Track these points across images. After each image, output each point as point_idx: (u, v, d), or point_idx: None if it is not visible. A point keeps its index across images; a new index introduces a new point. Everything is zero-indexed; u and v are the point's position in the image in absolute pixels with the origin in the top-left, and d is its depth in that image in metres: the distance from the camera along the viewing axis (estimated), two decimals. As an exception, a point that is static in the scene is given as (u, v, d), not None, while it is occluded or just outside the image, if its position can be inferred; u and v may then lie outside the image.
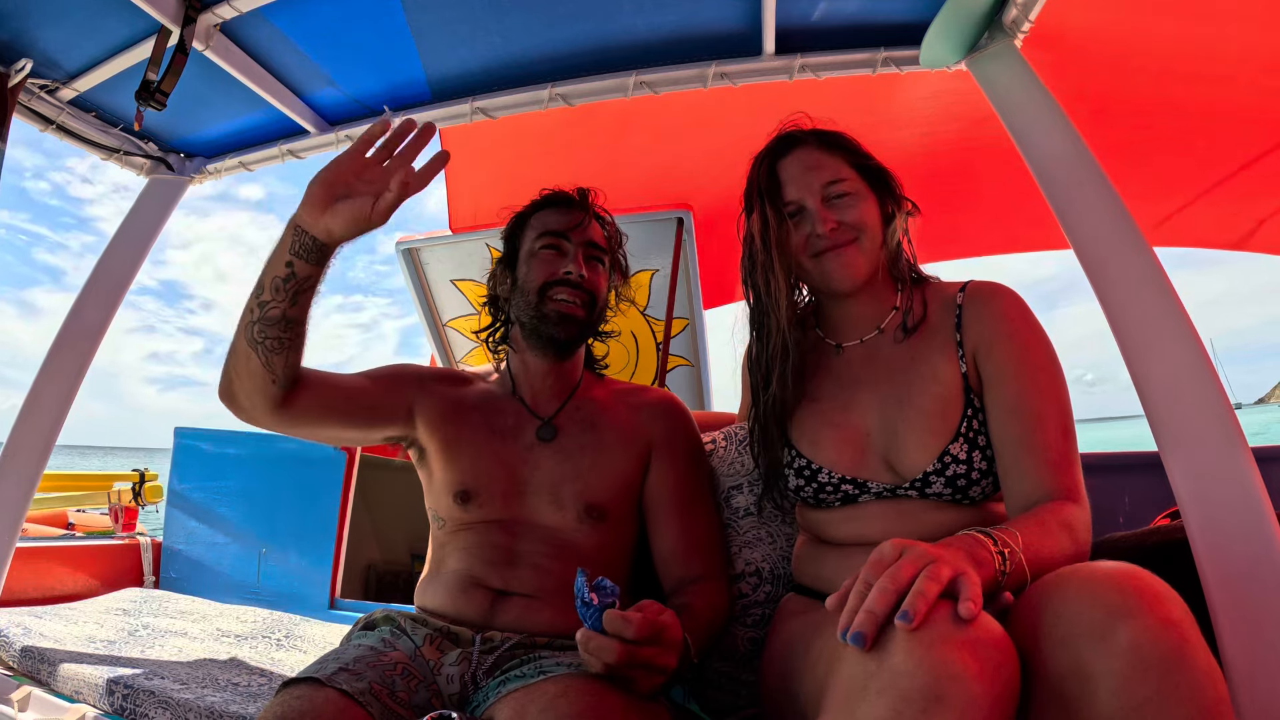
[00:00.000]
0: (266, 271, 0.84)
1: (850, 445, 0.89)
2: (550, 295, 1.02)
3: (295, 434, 0.96)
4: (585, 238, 1.05)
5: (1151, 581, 0.55)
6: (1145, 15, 1.34)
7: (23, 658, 1.27)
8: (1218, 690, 0.50)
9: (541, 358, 1.06)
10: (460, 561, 0.96)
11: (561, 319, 1.01)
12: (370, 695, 0.75)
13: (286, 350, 0.86)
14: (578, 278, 1.02)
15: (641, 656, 0.70)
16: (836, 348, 0.97)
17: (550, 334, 1.02)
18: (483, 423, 1.04)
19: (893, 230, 0.94)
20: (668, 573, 1.02)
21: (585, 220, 1.06)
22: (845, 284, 0.89)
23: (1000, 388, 0.83)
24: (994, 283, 0.89)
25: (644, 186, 2.29)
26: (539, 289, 1.02)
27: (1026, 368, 0.82)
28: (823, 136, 0.94)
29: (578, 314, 1.02)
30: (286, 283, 0.83)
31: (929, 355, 0.88)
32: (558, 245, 1.04)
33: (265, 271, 0.84)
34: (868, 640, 0.52)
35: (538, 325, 1.02)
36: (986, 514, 0.85)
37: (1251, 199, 1.86)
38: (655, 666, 0.72)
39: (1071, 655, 0.53)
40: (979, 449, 0.83)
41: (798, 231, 0.91)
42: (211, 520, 2.07)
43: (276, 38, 1.36)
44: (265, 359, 0.86)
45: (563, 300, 1.01)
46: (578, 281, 1.02)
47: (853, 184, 0.91)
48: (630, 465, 1.03)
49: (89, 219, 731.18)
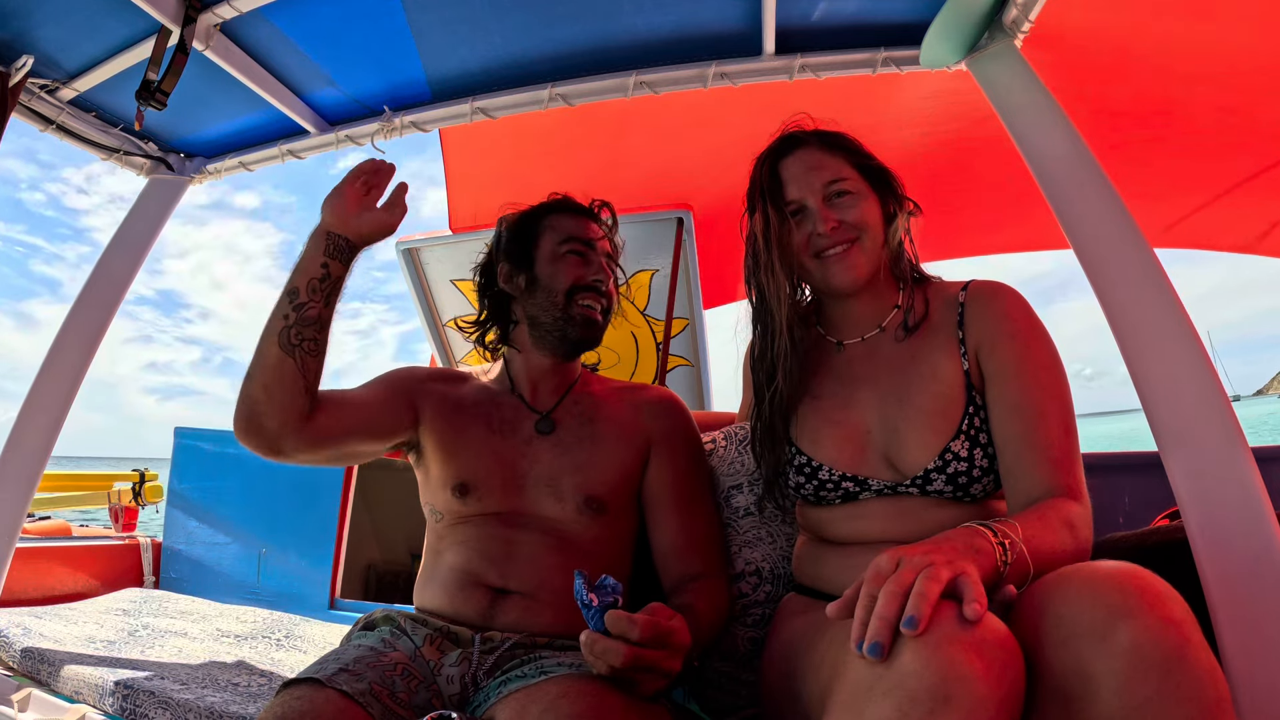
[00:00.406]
0: (300, 277, 0.91)
1: (851, 443, 0.89)
2: (577, 299, 1.05)
3: (317, 458, 0.95)
4: (605, 248, 1.10)
5: (1152, 581, 0.55)
6: (1145, 15, 1.34)
7: (23, 658, 1.27)
8: (1219, 690, 0.50)
9: (549, 357, 1.08)
10: (458, 556, 0.96)
11: (587, 323, 1.05)
12: (370, 696, 0.75)
13: (319, 354, 0.91)
14: (604, 286, 1.07)
15: (647, 659, 0.70)
16: (838, 345, 0.97)
17: (576, 336, 1.05)
18: (481, 418, 1.04)
19: (894, 230, 0.94)
20: (667, 570, 1.02)
21: (600, 231, 1.11)
22: (846, 284, 0.90)
23: (1002, 385, 0.83)
24: (996, 281, 0.90)
25: (644, 186, 2.29)
26: (567, 291, 1.04)
27: (1029, 365, 0.82)
28: (825, 137, 0.95)
29: (598, 318, 1.07)
30: (323, 283, 0.92)
31: (930, 353, 0.89)
32: (583, 252, 1.07)
33: (298, 277, 0.91)
34: (885, 649, 0.52)
35: (563, 327, 1.05)
36: (987, 512, 0.85)
37: (1263, 202, 1.85)
38: (660, 670, 0.72)
39: (1073, 655, 0.54)
40: (980, 446, 0.83)
41: (799, 231, 0.91)
42: (211, 520, 2.07)
43: (276, 38, 1.36)
44: (301, 363, 0.88)
45: (588, 306, 1.05)
46: (603, 289, 1.07)
47: (854, 184, 0.91)
48: (629, 459, 1.03)
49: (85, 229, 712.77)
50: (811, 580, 0.93)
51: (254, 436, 0.89)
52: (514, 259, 1.09)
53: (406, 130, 1.56)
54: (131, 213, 1.65)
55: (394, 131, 1.56)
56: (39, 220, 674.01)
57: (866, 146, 0.97)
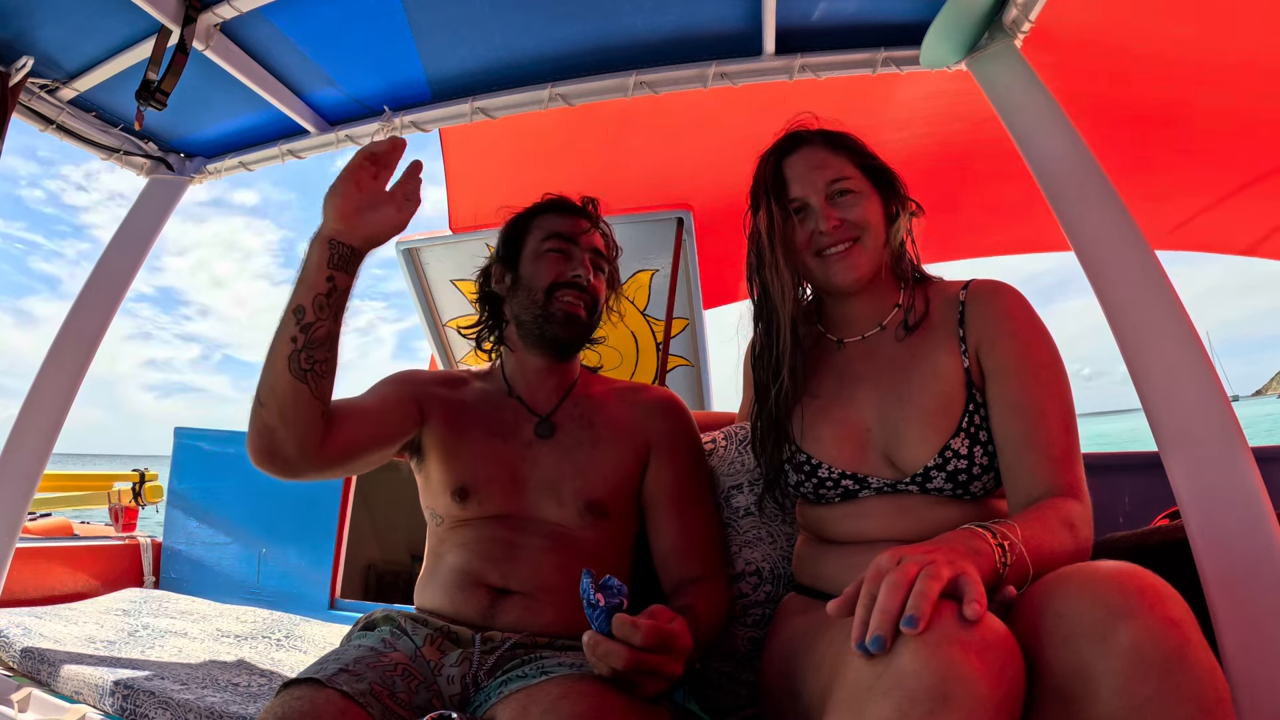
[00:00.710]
0: (303, 294, 0.84)
1: (850, 441, 0.89)
2: (557, 296, 1.03)
3: (333, 474, 0.93)
4: (590, 244, 1.08)
5: (1153, 581, 0.55)
6: (1146, 15, 1.34)
7: (23, 658, 1.27)
8: (1218, 689, 0.50)
9: (540, 357, 1.07)
10: (459, 557, 0.96)
11: (568, 319, 1.03)
12: (371, 696, 0.75)
13: (332, 373, 0.87)
14: (585, 281, 1.05)
15: (649, 664, 0.70)
16: (838, 343, 0.97)
17: (555, 334, 1.04)
18: (480, 421, 1.04)
19: (896, 229, 0.94)
20: (667, 572, 1.02)
21: (590, 227, 1.10)
22: (848, 282, 0.90)
23: (1002, 384, 0.83)
24: (997, 281, 0.90)
25: (644, 186, 2.30)
26: (546, 289, 1.03)
27: (1029, 364, 0.82)
28: (829, 136, 0.96)
29: (581, 315, 1.05)
30: (330, 297, 0.85)
31: (930, 352, 0.89)
32: (565, 249, 1.06)
33: (301, 295, 0.84)
34: (887, 642, 0.52)
35: (542, 325, 1.04)
36: (987, 510, 0.85)
37: (1264, 205, 1.85)
38: (662, 674, 0.72)
39: (1073, 655, 0.54)
40: (980, 444, 0.83)
41: (802, 229, 0.92)
42: (211, 520, 2.07)
43: (276, 37, 1.36)
44: (315, 385, 0.84)
45: (569, 301, 1.03)
46: (584, 285, 1.05)
47: (857, 183, 0.92)
48: (629, 461, 1.03)
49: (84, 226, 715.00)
50: (811, 580, 0.93)
51: (272, 464, 0.86)
52: (504, 260, 1.10)
53: (406, 130, 1.56)
54: (132, 212, 1.65)
55: (394, 131, 1.57)
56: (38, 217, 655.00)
57: (869, 147, 0.97)
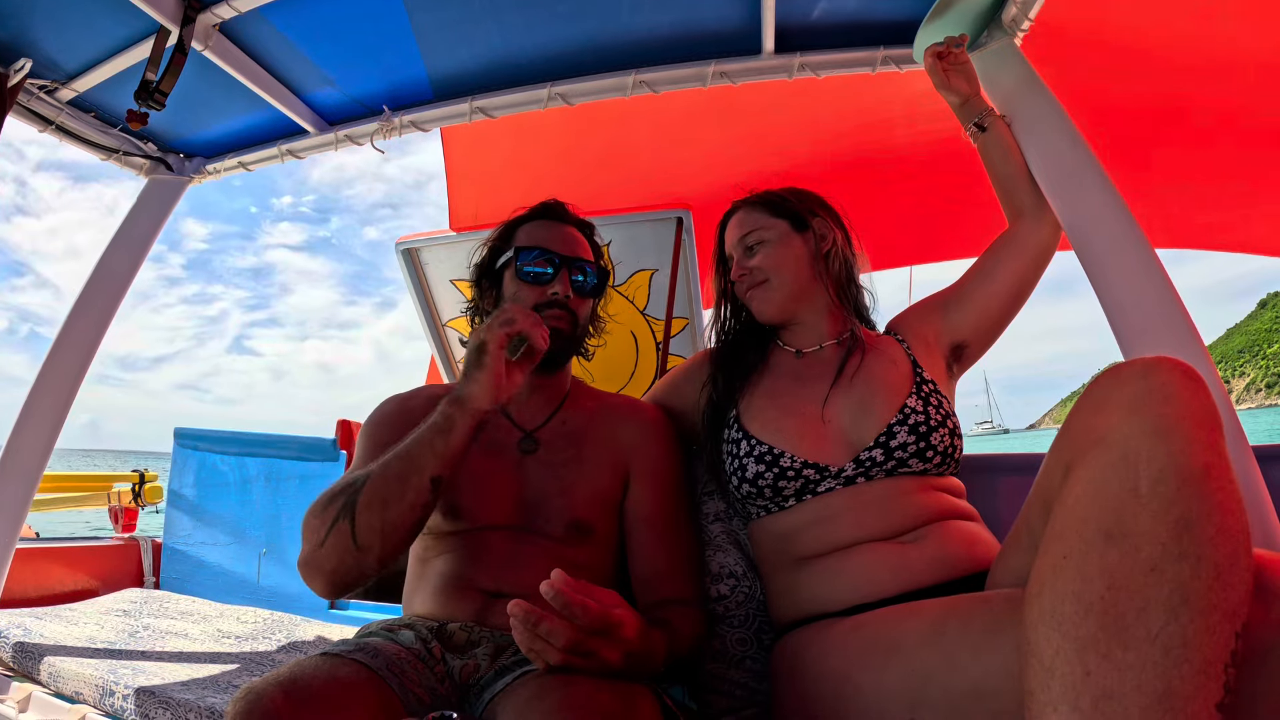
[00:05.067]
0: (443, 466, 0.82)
1: (810, 430, 0.95)
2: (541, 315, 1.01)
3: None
4: (572, 253, 1.05)
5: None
6: (1146, 13, 1.34)
7: (23, 658, 1.27)
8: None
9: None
10: (447, 564, 0.96)
11: (551, 335, 0.99)
12: (388, 671, 0.76)
13: None
14: (564, 298, 1.01)
15: (587, 645, 0.70)
16: (796, 353, 1.09)
17: None
18: None
19: (832, 258, 1.07)
20: (644, 593, 1.00)
21: (570, 236, 1.06)
22: (764, 317, 1.08)
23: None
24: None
25: (644, 186, 2.29)
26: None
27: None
28: (753, 199, 1.14)
29: (564, 329, 1.02)
30: (463, 454, 0.85)
31: (884, 349, 1.02)
32: (543, 268, 1.02)
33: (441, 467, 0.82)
34: None
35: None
36: (948, 487, 0.92)
37: (1265, 203, 1.85)
38: (598, 657, 0.71)
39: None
40: (934, 405, 0.93)
41: (735, 275, 1.12)
42: (211, 520, 2.07)
43: (275, 38, 1.36)
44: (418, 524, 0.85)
45: (552, 317, 1.00)
46: (564, 302, 1.02)
47: (769, 233, 1.07)
48: (611, 482, 1.02)
49: None
50: (800, 610, 0.91)
51: (345, 594, 0.87)
52: (488, 275, 1.09)
53: (406, 130, 1.56)
54: (131, 213, 1.65)
55: (393, 131, 1.57)
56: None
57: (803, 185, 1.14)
